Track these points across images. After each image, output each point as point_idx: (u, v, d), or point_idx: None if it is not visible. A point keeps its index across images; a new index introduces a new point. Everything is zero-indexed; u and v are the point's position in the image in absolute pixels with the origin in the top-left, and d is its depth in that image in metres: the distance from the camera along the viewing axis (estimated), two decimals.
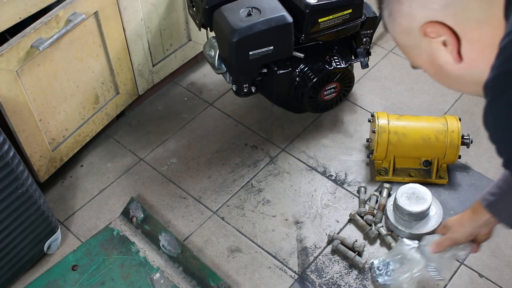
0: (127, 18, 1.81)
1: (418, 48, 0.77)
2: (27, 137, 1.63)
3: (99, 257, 1.68)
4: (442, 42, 0.72)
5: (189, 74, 2.29)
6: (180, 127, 2.09)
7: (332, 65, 1.85)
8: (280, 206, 1.82)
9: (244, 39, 1.63)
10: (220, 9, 1.70)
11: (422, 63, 0.79)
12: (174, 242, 1.67)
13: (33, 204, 1.50)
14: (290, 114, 2.09)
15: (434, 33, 0.72)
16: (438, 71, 0.78)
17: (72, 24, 1.56)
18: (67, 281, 1.63)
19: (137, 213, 1.75)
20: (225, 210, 1.82)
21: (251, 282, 1.64)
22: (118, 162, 1.98)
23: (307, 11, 1.70)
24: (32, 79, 1.57)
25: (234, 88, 1.87)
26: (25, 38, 1.46)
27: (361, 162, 1.94)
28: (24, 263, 1.60)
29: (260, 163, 1.95)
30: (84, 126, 1.86)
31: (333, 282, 1.62)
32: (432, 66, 0.78)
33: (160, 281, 1.62)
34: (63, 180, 1.92)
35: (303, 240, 1.73)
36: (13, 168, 1.38)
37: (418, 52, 0.77)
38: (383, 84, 2.21)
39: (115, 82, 1.91)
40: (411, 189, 1.71)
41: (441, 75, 0.79)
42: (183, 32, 2.10)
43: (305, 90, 1.86)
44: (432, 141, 1.81)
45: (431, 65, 0.78)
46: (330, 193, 1.85)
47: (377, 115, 1.86)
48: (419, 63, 0.80)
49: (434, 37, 0.72)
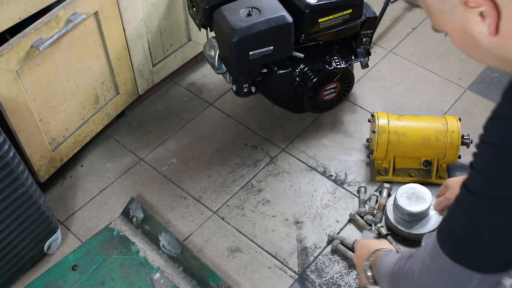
0: (127, 18, 1.81)
1: (452, 14, 0.74)
2: (27, 137, 1.64)
3: (99, 257, 1.68)
4: (480, 12, 0.70)
5: (189, 74, 2.29)
6: (180, 127, 2.09)
7: (332, 65, 1.85)
8: (280, 206, 1.82)
9: (244, 39, 1.63)
10: (220, 9, 1.70)
11: (450, 29, 0.78)
12: (174, 242, 1.67)
13: (33, 204, 1.50)
14: (290, 114, 2.09)
15: (475, 3, 0.70)
16: (467, 40, 0.76)
17: (72, 24, 1.56)
18: (67, 281, 1.63)
19: (137, 213, 1.75)
20: (225, 210, 1.82)
21: (251, 282, 1.64)
22: (118, 162, 1.98)
23: (307, 11, 1.70)
24: (32, 79, 1.57)
25: (234, 88, 1.87)
26: (25, 38, 1.46)
27: (361, 162, 1.94)
28: (24, 263, 1.60)
29: (260, 163, 1.95)
30: (84, 126, 1.86)
31: (333, 282, 1.62)
32: (462, 34, 0.76)
33: (160, 281, 1.62)
34: (63, 180, 1.92)
35: (303, 240, 1.73)
36: (13, 168, 1.38)
37: (451, 18, 0.75)
38: (383, 84, 2.21)
39: (115, 82, 1.91)
40: (411, 189, 1.71)
41: (469, 45, 0.77)
42: (183, 32, 2.10)
43: (305, 90, 1.86)
44: (432, 141, 1.81)
45: (461, 33, 0.76)
46: (330, 193, 1.85)
47: (377, 115, 1.86)
48: (447, 28, 0.78)
49: (474, 6, 0.70)
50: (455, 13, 0.74)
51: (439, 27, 0.80)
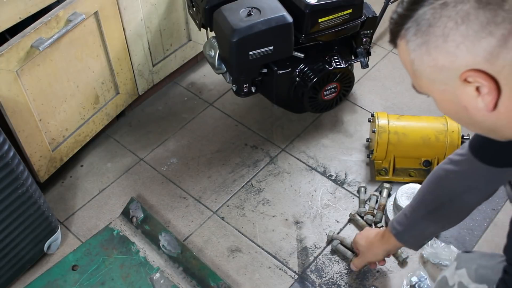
0: (127, 18, 1.81)
1: (444, 85, 0.73)
2: (27, 137, 1.63)
3: (99, 257, 1.68)
4: (477, 87, 0.69)
5: (189, 74, 2.29)
6: (180, 127, 2.09)
7: (332, 65, 1.85)
8: (280, 206, 1.82)
9: (244, 39, 1.63)
10: (220, 9, 1.70)
11: (439, 98, 0.76)
12: (174, 242, 1.67)
13: (33, 204, 1.50)
14: (290, 114, 2.09)
15: (475, 80, 0.68)
16: (458, 111, 0.75)
17: (72, 24, 1.56)
18: (67, 281, 1.63)
19: (137, 213, 1.75)
20: (225, 210, 1.82)
21: (251, 282, 1.64)
22: (118, 162, 1.98)
23: (307, 11, 1.70)
24: (32, 79, 1.57)
25: (234, 88, 1.87)
26: (25, 38, 1.46)
27: (361, 162, 1.94)
28: (24, 263, 1.60)
29: (260, 163, 1.95)
30: (84, 126, 1.86)
31: (333, 282, 1.62)
32: (453, 105, 0.74)
33: (160, 281, 1.62)
34: (63, 180, 1.92)
35: (303, 240, 1.73)
36: (13, 168, 1.38)
37: (442, 88, 0.74)
38: (383, 84, 2.21)
39: (115, 82, 1.91)
40: (411, 189, 1.71)
41: (459, 115, 0.76)
42: (183, 32, 2.10)
43: (305, 90, 1.86)
44: (432, 141, 1.81)
45: (452, 104, 0.74)
46: (330, 193, 1.85)
47: (377, 115, 1.86)
48: (435, 96, 0.77)
49: (471, 82, 0.69)
50: (448, 84, 0.72)
51: (424, 91, 0.78)
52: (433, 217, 1.30)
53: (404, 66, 0.78)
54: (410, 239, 1.37)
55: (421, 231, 1.34)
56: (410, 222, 1.34)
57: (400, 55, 0.78)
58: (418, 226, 1.33)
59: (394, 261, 1.65)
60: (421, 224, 1.32)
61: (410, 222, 1.34)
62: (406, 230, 1.35)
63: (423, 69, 0.74)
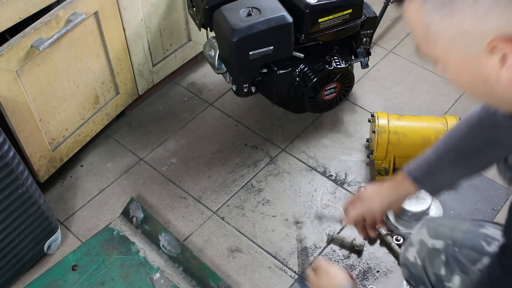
0: (127, 18, 1.81)
1: (464, 53, 0.67)
2: (27, 137, 1.64)
3: (99, 257, 1.68)
4: (502, 56, 0.64)
5: (189, 74, 2.29)
6: (180, 127, 2.09)
7: (332, 65, 1.85)
8: (280, 206, 1.82)
9: (244, 39, 1.63)
10: (220, 9, 1.70)
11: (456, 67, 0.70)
12: (174, 242, 1.67)
13: (33, 204, 1.50)
14: (290, 114, 2.09)
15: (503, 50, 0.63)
16: (476, 82, 0.69)
17: (72, 24, 1.56)
18: (67, 281, 1.63)
19: (137, 213, 1.75)
20: (225, 210, 1.82)
21: (251, 282, 1.64)
22: (118, 162, 1.98)
23: (307, 11, 1.70)
24: (32, 79, 1.57)
25: (234, 88, 1.87)
26: (25, 38, 1.46)
27: (361, 162, 1.94)
28: (24, 263, 1.60)
29: (260, 163, 1.95)
30: (84, 126, 1.86)
31: None
32: (471, 76, 0.69)
33: (160, 281, 1.62)
34: (63, 180, 1.92)
35: (303, 240, 1.73)
36: (13, 168, 1.38)
37: (460, 57, 0.67)
38: (383, 84, 2.21)
39: (115, 82, 1.91)
40: None
41: (476, 86, 0.70)
42: (183, 32, 2.10)
43: (305, 90, 1.86)
44: (432, 141, 1.81)
45: (470, 74, 0.69)
46: (330, 193, 1.85)
47: (377, 115, 1.86)
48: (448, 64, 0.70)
49: (496, 52, 0.63)
50: (469, 53, 0.66)
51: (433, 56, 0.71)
52: (463, 161, 1.16)
53: (411, 28, 0.71)
54: (430, 185, 1.19)
55: (446, 177, 1.18)
56: (435, 167, 1.17)
57: (409, 16, 0.71)
58: (443, 171, 1.17)
59: (394, 261, 1.66)
60: (446, 170, 1.17)
61: (435, 167, 1.17)
62: (428, 176, 1.18)
63: (441, 34, 0.67)
